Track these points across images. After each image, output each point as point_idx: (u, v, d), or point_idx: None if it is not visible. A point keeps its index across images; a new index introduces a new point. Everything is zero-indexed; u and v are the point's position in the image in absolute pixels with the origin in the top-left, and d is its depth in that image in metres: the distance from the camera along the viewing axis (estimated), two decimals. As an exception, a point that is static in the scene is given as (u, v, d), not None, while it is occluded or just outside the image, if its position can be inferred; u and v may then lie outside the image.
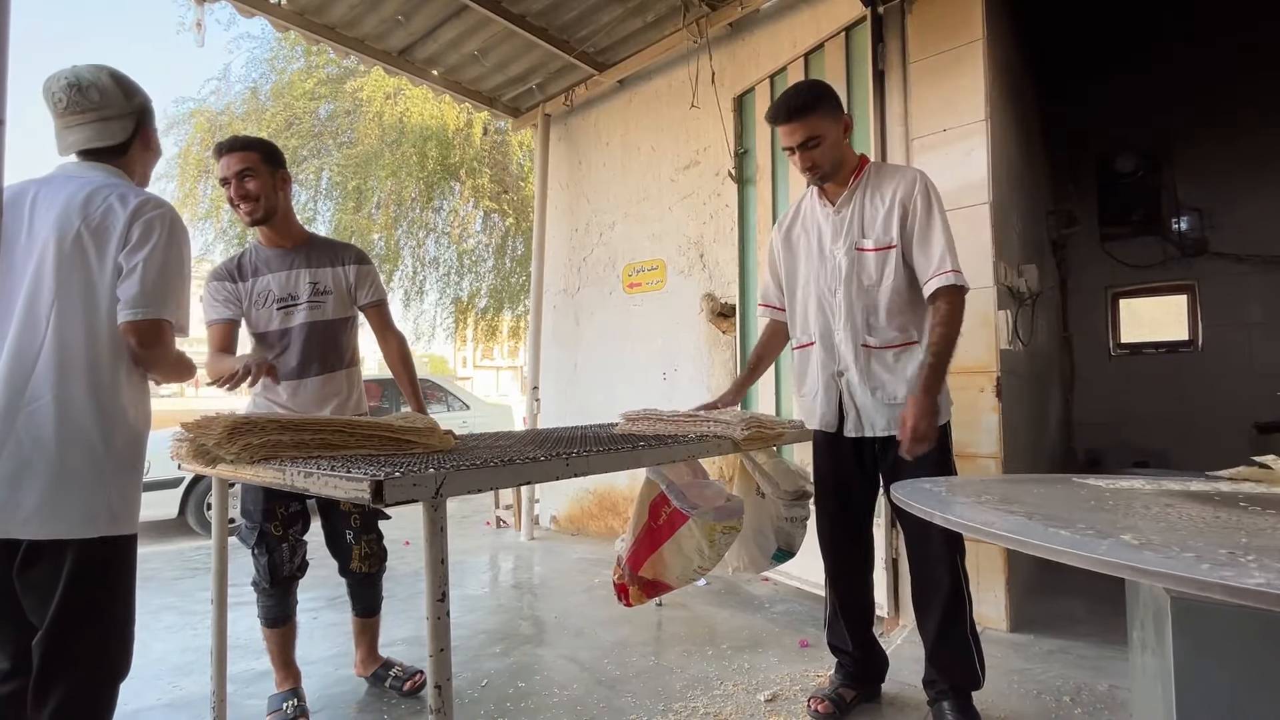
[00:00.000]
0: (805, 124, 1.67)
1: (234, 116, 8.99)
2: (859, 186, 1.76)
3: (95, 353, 1.19)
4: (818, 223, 1.82)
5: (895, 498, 1.07)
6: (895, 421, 1.67)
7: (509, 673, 2.17)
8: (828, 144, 1.69)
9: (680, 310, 3.65)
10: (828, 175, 1.74)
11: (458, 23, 3.58)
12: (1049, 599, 2.67)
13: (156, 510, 4.67)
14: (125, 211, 1.21)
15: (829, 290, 1.77)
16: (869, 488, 1.83)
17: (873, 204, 1.73)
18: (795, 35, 3.09)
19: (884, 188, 1.73)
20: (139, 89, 1.35)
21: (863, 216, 1.74)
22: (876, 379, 1.72)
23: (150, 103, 1.38)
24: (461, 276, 10.07)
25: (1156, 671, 0.87)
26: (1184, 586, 0.56)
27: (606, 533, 4.00)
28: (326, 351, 1.95)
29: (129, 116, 1.30)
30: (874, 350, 1.72)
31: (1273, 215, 4.10)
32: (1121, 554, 0.64)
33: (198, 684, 2.12)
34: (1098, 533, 0.73)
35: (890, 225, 1.69)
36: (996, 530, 0.75)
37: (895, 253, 1.69)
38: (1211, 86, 4.26)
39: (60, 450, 1.14)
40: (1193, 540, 0.70)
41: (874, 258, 1.71)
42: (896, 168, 1.79)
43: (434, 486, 1.01)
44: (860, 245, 1.73)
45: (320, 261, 1.95)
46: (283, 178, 1.90)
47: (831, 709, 1.78)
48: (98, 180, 1.24)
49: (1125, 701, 1.85)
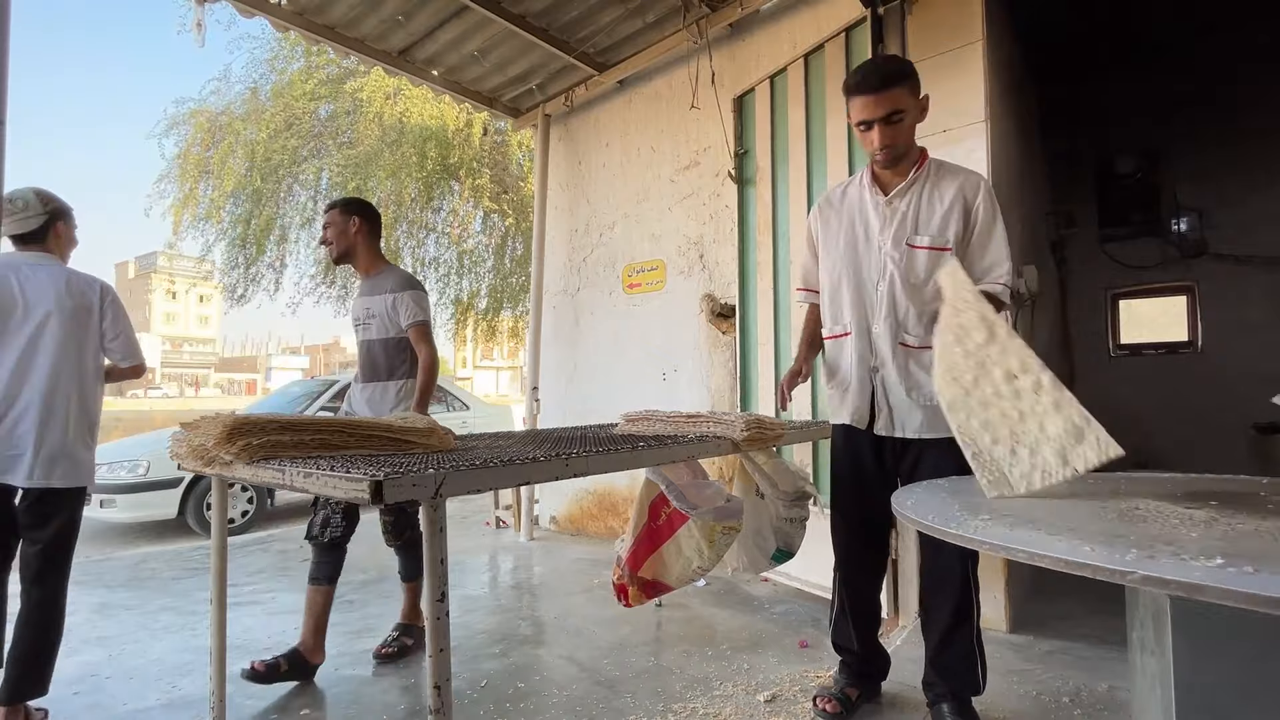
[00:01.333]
0: (894, 95, 1.56)
1: (234, 116, 9.00)
2: (919, 179, 1.67)
3: (96, 375, 1.99)
4: (865, 210, 1.73)
5: (896, 510, 1.06)
6: (927, 423, 1.64)
7: (508, 673, 2.17)
8: (909, 122, 1.61)
9: (680, 311, 3.65)
10: (900, 158, 1.65)
11: (458, 23, 3.58)
12: (1048, 600, 2.67)
13: (156, 510, 4.67)
14: (96, 295, 1.95)
15: (870, 282, 1.70)
16: (887, 489, 1.80)
17: (930, 201, 1.65)
18: (795, 36, 3.09)
19: (944, 185, 1.66)
20: (53, 197, 1.98)
21: (919, 212, 1.66)
22: (913, 379, 1.66)
23: (64, 207, 2.00)
24: (461, 277, 10.08)
25: (1156, 672, 0.87)
26: (1189, 593, 0.56)
27: (606, 533, 4.00)
28: (370, 365, 2.35)
29: (42, 214, 1.93)
30: (912, 350, 1.66)
31: (1272, 216, 4.10)
32: (1121, 561, 0.64)
33: (197, 684, 2.12)
34: (1104, 538, 0.73)
35: (948, 225, 1.63)
36: (1005, 544, 0.75)
37: (949, 255, 1.61)
38: (1211, 88, 4.26)
39: (65, 432, 1.86)
40: (1191, 544, 0.70)
41: (925, 256, 1.64)
42: (956, 166, 1.71)
43: (433, 486, 1.01)
44: (913, 242, 1.65)
45: (376, 290, 2.35)
46: (354, 223, 2.35)
47: (839, 708, 1.77)
48: (58, 268, 1.92)
49: (1125, 702, 1.85)
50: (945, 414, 1.27)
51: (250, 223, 8.95)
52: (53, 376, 1.85)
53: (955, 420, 1.22)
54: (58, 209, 1.97)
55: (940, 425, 1.64)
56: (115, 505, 4.56)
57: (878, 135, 1.60)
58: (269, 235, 9.06)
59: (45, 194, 1.96)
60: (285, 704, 2.00)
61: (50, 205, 1.95)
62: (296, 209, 9.26)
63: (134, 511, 4.62)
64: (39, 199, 1.93)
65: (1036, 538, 0.76)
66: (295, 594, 3.11)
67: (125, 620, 2.76)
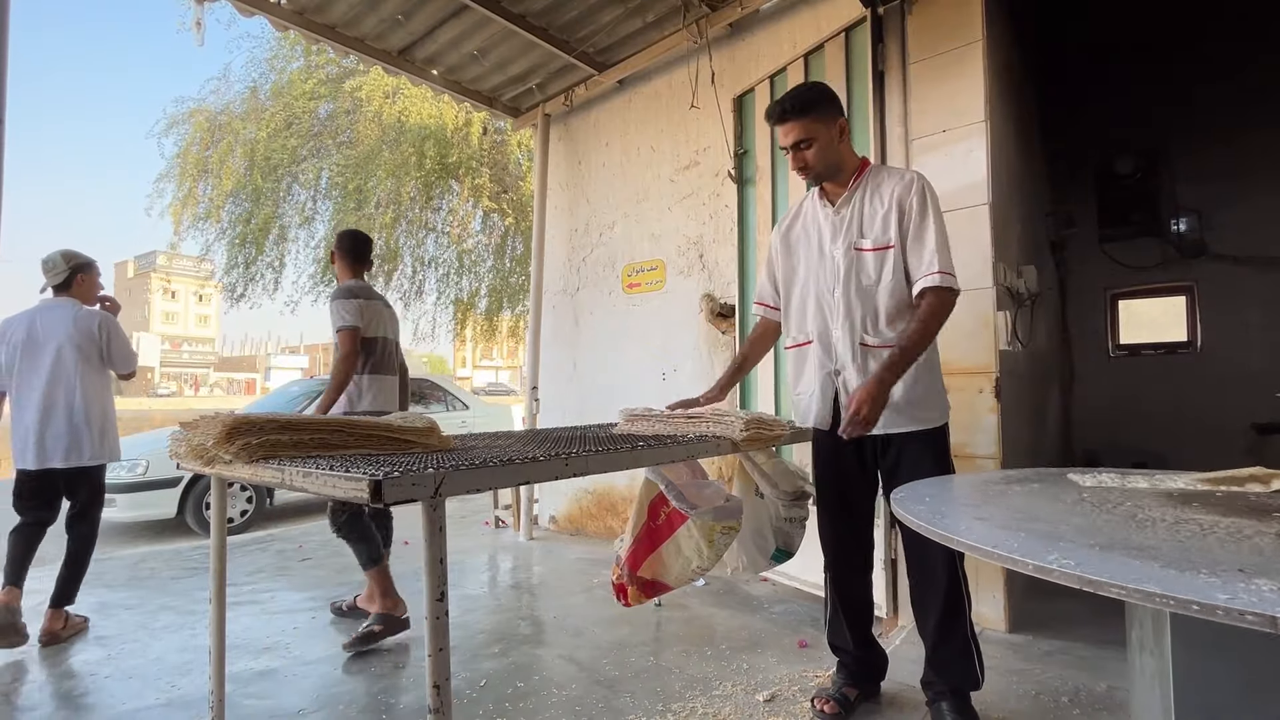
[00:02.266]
0: (798, 125, 1.70)
1: (233, 116, 9.00)
2: (859, 187, 1.77)
3: (103, 383, 2.69)
4: (818, 223, 1.83)
5: (896, 511, 1.07)
6: (892, 420, 1.68)
7: (508, 672, 2.17)
8: (820, 146, 1.71)
9: (680, 310, 3.65)
10: (821, 176, 1.77)
11: (457, 22, 3.58)
12: (1047, 599, 2.67)
13: (155, 510, 4.67)
14: (95, 326, 2.65)
15: (828, 289, 1.78)
16: (869, 487, 1.83)
17: (871, 205, 1.75)
18: (795, 36, 3.09)
19: (883, 189, 1.75)
20: (75, 255, 2.70)
21: (861, 217, 1.76)
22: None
23: (84, 262, 2.71)
24: (461, 276, 10.08)
25: (1155, 672, 0.87)
26: (1184, 609, 0.56)
27: (605, 533, 4.00)
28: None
29: (65, 270, 2.66)
30: (872, 349, 1.72)
31: (1271, 216, 4.10)
32: (1118, 574, 0.64)
33: (196, 684, 2.12)
34: (1100, 548, 0.73)
35: (889, 225, 1.71)
36: (998, 550, 0.75)
37: (894, 253, 1.70)
38: (1210, 88, 4.26)
39: (90, 426, 2.61)
40: (1198, 556, 0.70)
41: (872, 257, 1.73)
42: (895, 170, 1.81)
43: (433, 486, 1.01)
44: (859, 245, 1.74)
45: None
46: (334, 256, 2.84)
47: (838, 709, 1.79)
48: (71, 308, 2.64)
49: (1123, 702, 1.85)
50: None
51: (250, 222, 8.95)
52: (69, 390, 2.57)
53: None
54: (78, 265, 2.69)
55: (904, 421, 1.70)
56: (114, 505, 4.55)
57: (792, 159, 1.76)
58: (268, 234, 9.06)
59: (69, 253, 2.70)
60: (284, 703, 2.00)
61: (72, 262, 2.68)
62: (296, 208, 9.26)
63: (133, 511, 4.61)
64: (63, 258, 2.67)
65: (1032, 545, 0.76)
66: (294, 593, 3.11)
67: (124, 620, 2.76)
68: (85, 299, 2.70)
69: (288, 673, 2.21)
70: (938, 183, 1.83)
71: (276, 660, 2.32)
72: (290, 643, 2.48)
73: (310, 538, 4.30)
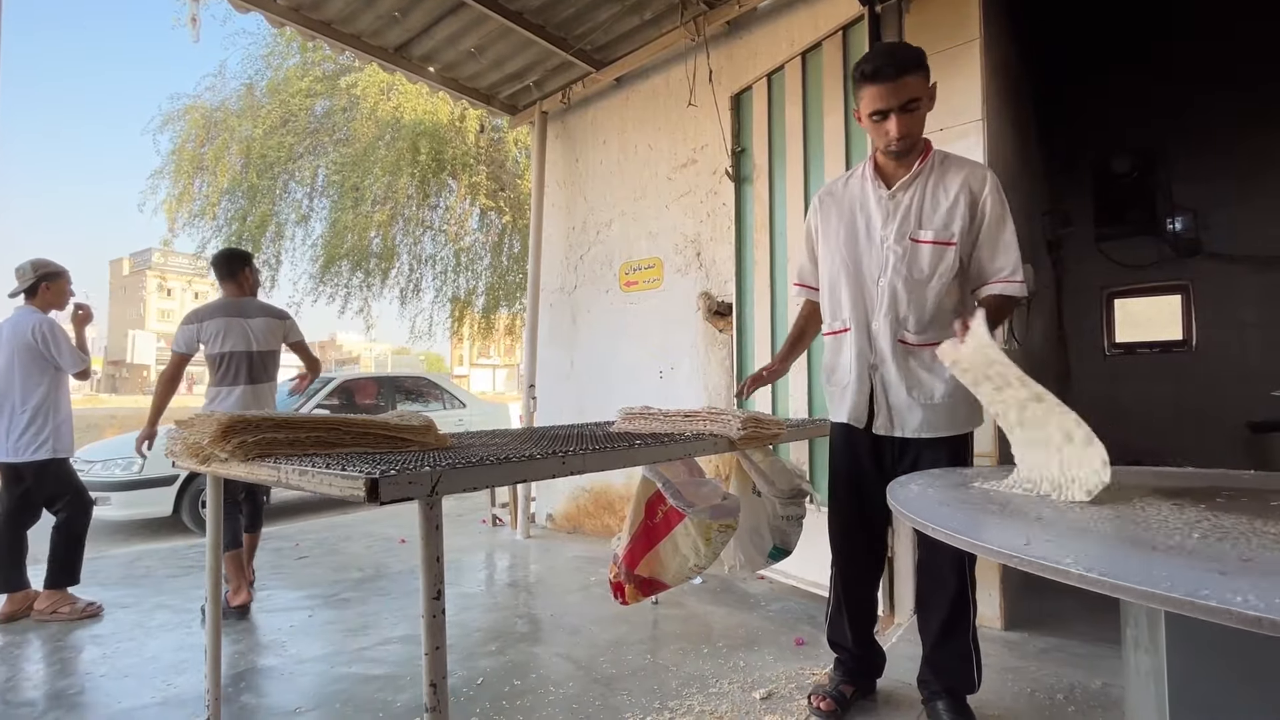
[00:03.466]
0: (911, 83, 1.51)
1: (229, 113, 8.96)
2: (923, 172, 1.62)
3: (49, 383, 2.84)
4: (867, 204, 1.68)
5: (891, 505, 1.06)
6: (927, 423, 1.62)
7: (504, 671, 2.17)
8: (924, 111, 1.56)
9: (677, 309, 3.65)
10: (913, 148, 1.60)
11: (454, 19, 3.57)
12: (1043, 597, 2.67)
13: (150, 508, 4.65)
14: (30, 329, 2.79)
15: (871, 278, 1.66)
16: (884, 488, 1.80)
17: (935, 194, 1.61)
18: (793, 34, 3.09)
19: (949, 178, 1.61)
20: (45, 265, 2.89)
21: (923, 205, 1.61)
22: (914, 377, 1.63)
23: (51, 271, 2.89)
24: (458, 274, 10.05)
25: (1150, 669, 0.87)
26: (1180, 609, 0.57)
27: (603, 531, 4.00)
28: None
29: (32, 278, 2.86)
30: (911, 347, 1.62)
31: (1266, 216, 4.12)
32: (1118, 572, 0.64)
33: (192, 682, 2.11)
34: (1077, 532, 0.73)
35: (953, 219, 1.58)
36: (1010, 552, 0.75)
37: (954, 250, 1.58)
38: (1206, 88, 4.27)
39: (32, 424, 2.78)
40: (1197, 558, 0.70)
41: (929, 251, 1.60)
42: (964, 159, 1.66)
43: (429, 484, 1.01)
44: (916, 236, 1.60)
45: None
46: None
47: (834, 706, 1.77)
48: (28, 314, 2.83)
49: (1119, 699, 1.85)
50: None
51: (246, 219, 8.91)
52: (11, 390, 2.77)
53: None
54: (45, 273, 2.87)
55: (939, 425, 1.64)
56: (110, 503, 4.54)
57: (895, 125, 1.54)
58: (264, 232, 9.03)
59: (39, 263, 2.89)
60: (281, 702, 1.99)
61: (40, 271, 2.86)
62: (292, 206, 9.23)
63: (128, 509, 4.60)
64: (32, 267, 2.87)
65: (1043, 546, 0.76)
66: (291, 591, 3.10)
67: (120, 618, 2.75)
68: (48, 306, 2.88)
69: (284, 671, 2.21)
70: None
71: (273, 658, 2.31)
72: (286, 641, 2.47)
73: (306, 536, 4.29)
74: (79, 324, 2.99)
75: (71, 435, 2.91)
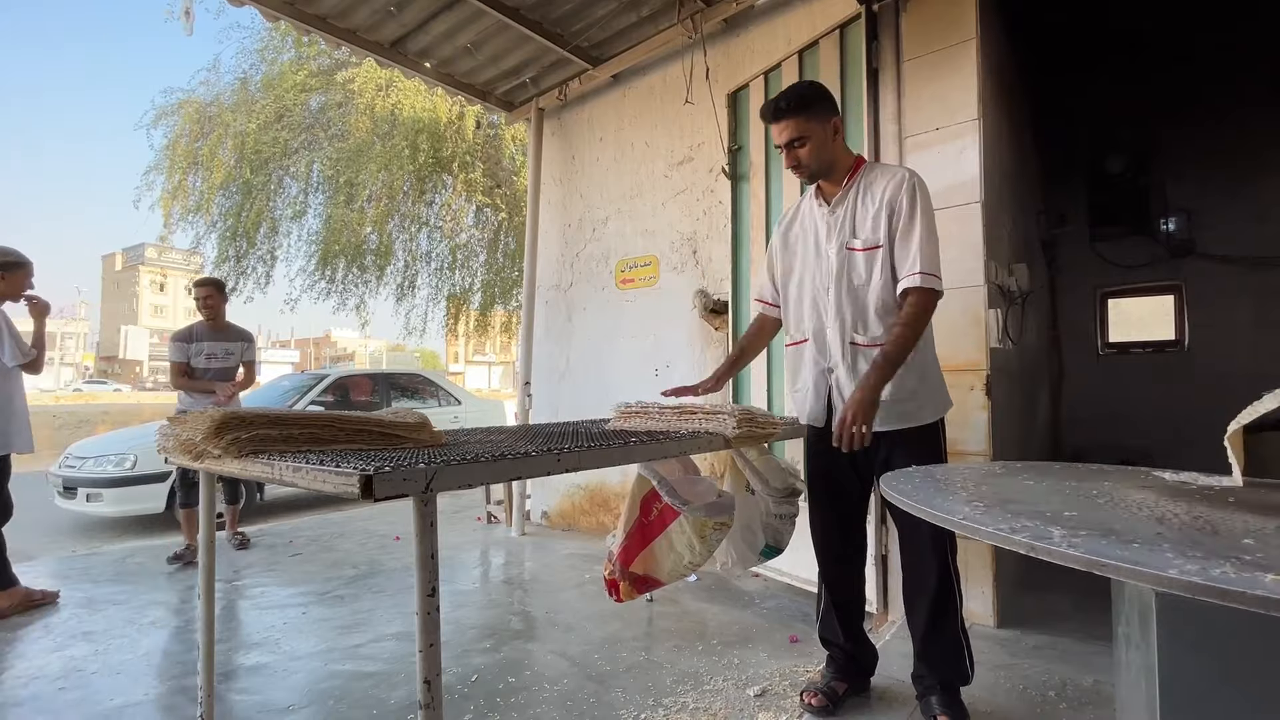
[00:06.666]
0: (792, 124, 1.70)
1: (223, 108, 8.90)
2: (852, 186, 1.77)
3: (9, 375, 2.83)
4: (815, 222, 1.84)
5: (885, 491, 1.07)
6: (881, 419, 1.67)
7: (499, 668, 2.17)
8: (814, 145, 1.71)
9: (673, 306, 3.65)
10: (815, 175, 1.78)
11: (450, 15, 3.55)
12: (1035, 594, 2.69)
13: (143, 504, 4.63)
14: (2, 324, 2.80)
15: (822, 288, 1.79)
16: (861, 484, 1.84)
17: (864, 204, 1.75)
18: (790, 32, 3.09)
19: (874, 187, 1.74)
20: (6, 253, 2.83)
21: (854, 216, 1.76)
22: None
23: (9, 262, 2.81)
24: (454, 271, 10.03)
25: (1141, 666, 0.88)
26: (1173, 588, 0.57)
27: (597, 529, 4.01)
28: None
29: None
30: (861, 348, 1.73)
31: (1260, 217, 4.14)
32: (1112, 553, 0.64)
33: (184, 679, 2.11)
34: (1100, 533, 0.74)
35: (879, 225, 1.71)
36: (993, 530, 0.75)
37: (883, 252, 1.71)
38: (1201, 88, 4.29)
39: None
40: (1193, 541, 0.71)
41: (863, 257, 1.73)
42: (888, 167, 1.80)
43: (424, 481, 1.00)
44: (850, 245, 1.75)
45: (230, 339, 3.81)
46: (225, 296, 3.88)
47: (825, 702, 1.80)
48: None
49: (1110, 696, 1.87)
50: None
51: (241, 215, 8.86)
52: None
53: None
54: (4, 263, 2.82)
55: (892, 420, 1.70)
56: (102, 499, 4.52)
57: (787, 158, 1.75)
58: (259, 228, 8.98)
59: (1, 250, 2.86)
60: (274, 699, 1.99)
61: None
62: (288, 202, 9.19)
63: (121, 505, 4.58)
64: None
65: (1029, 525, 0.76)
66: (284, 588, 3.09)
67: (112, 615, 2.74)
68: (1, 297, 2.83)
69: (277, 668, 2.20)
70: (931, 180, 1.83)
71: (266, 655, 2.31)
72: (280, 638, 2.47)
73: (300, 533, 4.28)
74: (37, 315, 2.93)
75: (25, 433, 2.83)
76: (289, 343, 60.15)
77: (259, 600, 2.93)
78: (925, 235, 1.65)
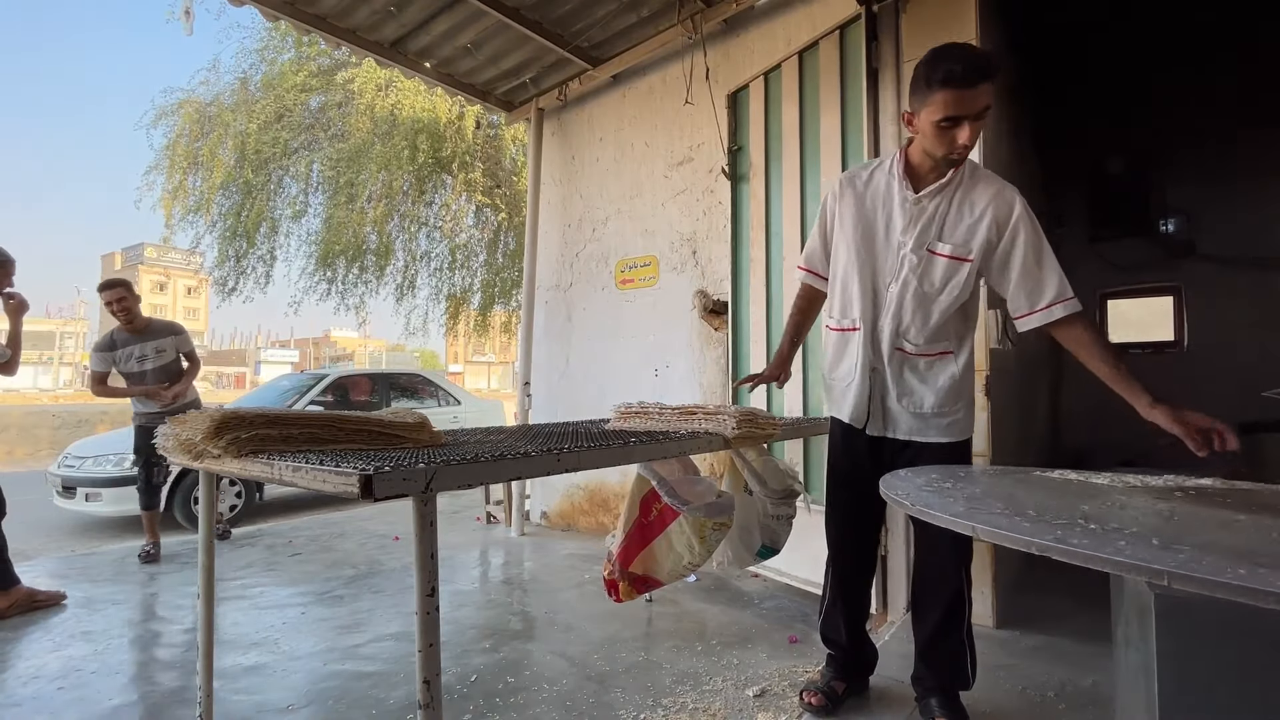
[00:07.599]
0: (987, 90, 1.43)
1: (223, 107, 8.90)
2: (954, 181, 1.58)
3: None
4: (890, 203, 1.63)
5: (884, 494, 1.07)
6: (917, 429, 1.65)
7: (498, 668, 2.17)
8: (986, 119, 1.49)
9: (673, 307, 3.65)
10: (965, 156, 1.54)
11: (451, 15, 3.55)
12: (1035, 595, 2.69)
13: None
14: None
15: (884, 281, 1.65)
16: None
17: (960, 208, 1.57)
18: (790, 33, 3.09)
19: (976, 195, 1.57)
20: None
21: (946, 217, 1.58)
22: (905, 385, 1.66)
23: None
24: (454, 271, 10.03)
25: (1140, 667, 0.88)
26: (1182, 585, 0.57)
27: (597, 529, 4.01)
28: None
29: None
30: (908, 356, 1.64)
31: (1259, 218, 4.15)
32: (1130, 553, 0.64)
33: (184, 679, 2.11)
34: (1110, 532, 0.74)
35: (974, 237, 1.55)
36: (1016, 535, 0.76)
37: (969, 267, 1.56)
38: (1200, 89, 4.29)
39: None
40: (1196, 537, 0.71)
41: (944, 265, 1.58)
42: (992, 177, 1.61)
43: (424, 481, 1.00)
44: (934, 248, 1.58)
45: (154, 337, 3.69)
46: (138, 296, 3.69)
47: (824, 701, 1.79)
48: None
49: (1109, 697, 1.87)
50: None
51: (240, 215, 8.86)
52: None
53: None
54: None
55: (929, 432, 1.66)
56: (101, 499, 4.51)
57: (967, 133, 1.44)
58: (259, 228, 8.99)
59: None
60: (273, 699, 1.99)
61: None
62: (288, 202, 9.19)
63: (120, 505, 4.57)
64: None
65: (1033, 527, 0.76)
66: (284, 588, 3.09)
67: (111, 615, 2.74)
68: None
69: (276, 668, 2.20)
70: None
71: (265, 655, 2.30)
72: (279, 638, 2.46)
73: (300, 533, 4.27)
74: (13, 314, 2.85)
75: None
76: (288, 343, 60.13)
77: (258, 600, 2.92)
78: (1055, 260, 1.54)
